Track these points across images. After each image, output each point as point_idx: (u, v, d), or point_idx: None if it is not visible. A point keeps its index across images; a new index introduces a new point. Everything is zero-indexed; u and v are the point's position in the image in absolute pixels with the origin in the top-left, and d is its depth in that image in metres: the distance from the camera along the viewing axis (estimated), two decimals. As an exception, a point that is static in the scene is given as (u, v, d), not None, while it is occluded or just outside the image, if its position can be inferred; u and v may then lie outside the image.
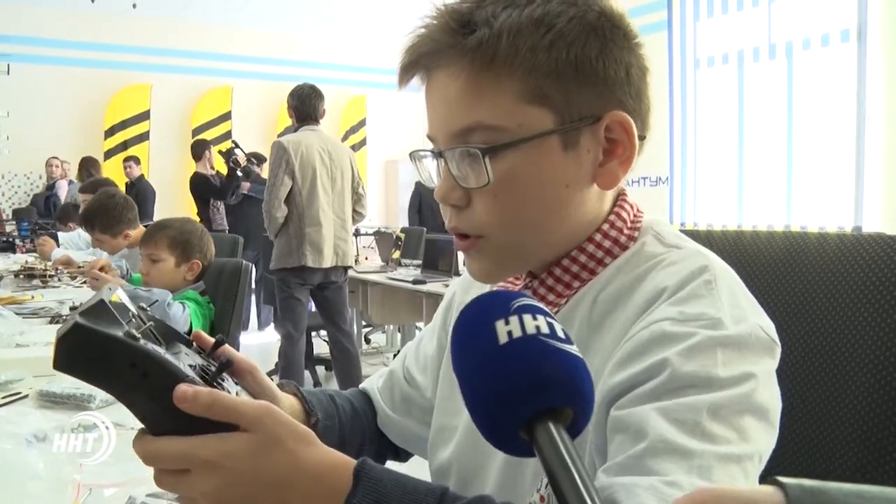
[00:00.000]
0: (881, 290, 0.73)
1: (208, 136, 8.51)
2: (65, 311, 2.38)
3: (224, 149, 6.78)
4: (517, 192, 0.67)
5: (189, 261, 2.30)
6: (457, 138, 0.67)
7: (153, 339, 0.55)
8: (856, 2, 5.25)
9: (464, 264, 0.83)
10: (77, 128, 8.63)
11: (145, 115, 8.92)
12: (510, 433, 0.42)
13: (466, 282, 0.88)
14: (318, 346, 5.11)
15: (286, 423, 0.54)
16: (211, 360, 0.64)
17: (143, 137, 8.91)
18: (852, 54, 5.29)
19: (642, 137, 0.69)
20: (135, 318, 0.55)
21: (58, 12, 8.38)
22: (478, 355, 0.44)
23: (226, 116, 9.30)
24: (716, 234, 0.92)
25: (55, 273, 3.41)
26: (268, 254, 4.08)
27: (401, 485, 0.54)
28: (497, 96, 0.65)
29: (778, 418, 0.60)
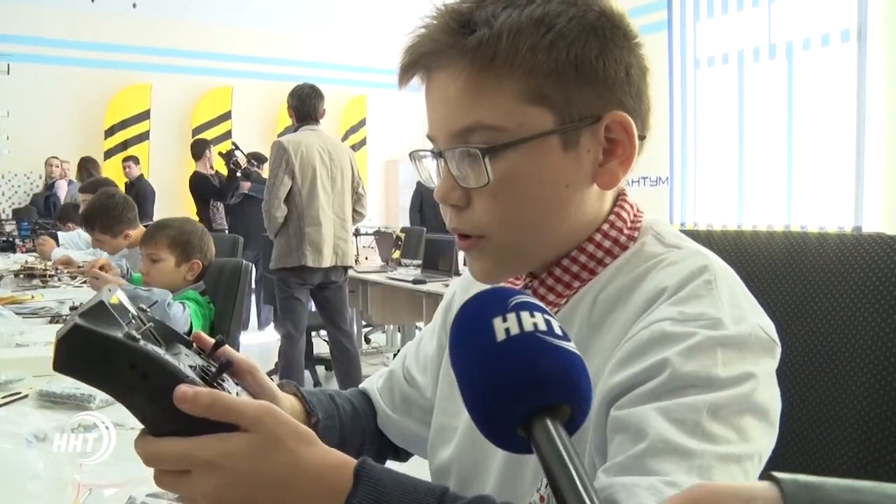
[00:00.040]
0: (881, 290, 0.73)
1: (208, 135, 8.50)
2: (65, 311, 2.38)
3: (224, 150, 6.76)
4: (517, 192, 0.67)
5: (189, 261, 2.30)
6: (457, 138, 0.67)
7: (153, 340, 0.55)
8: (856, 2, 5.25)
9: (464, 264, 0.83)
10: (77, 128, 8.63)
11: (145, 115, 8.92)
12: (508, 430, 0.42)
13: (466, 281, 0.88)
14: (318, 346, 5.11)
15: (286, 423, 0.54)
16: (211, 360, 0.63)
17: (143, 137, 8.91)
18: (852, 54, 5.29)
19: (642, 137, 0.69)
20: (134, 319, 0.55)
21: (58, 12, 8.38)
22: (476, 352, 0.44)
23: (226, 116, 9.30)
24: (716, 234, 0.92)
25: (55, 273, 3.41)
26: (268, 254, 4.08)
27: (401, 484, 0.54)
28: (497, 96, 0.65)
29: (778, 418, 0.60)
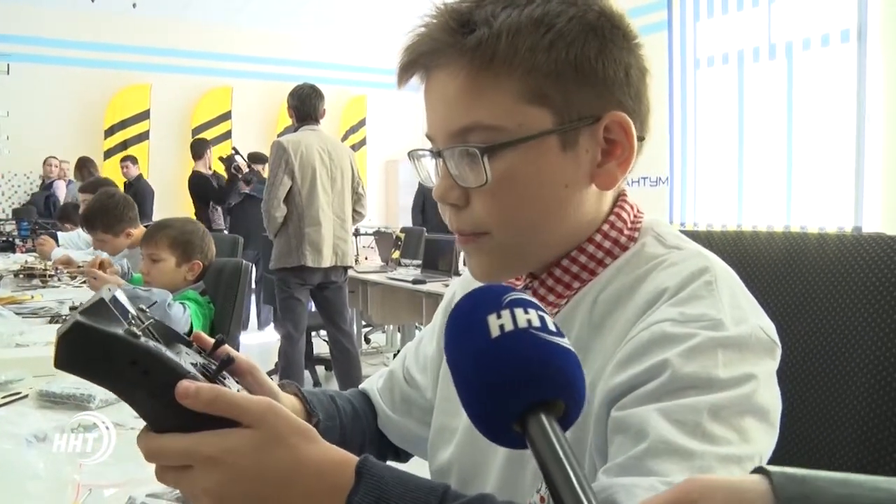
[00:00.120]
0: (881, 291, 0.73)
1: (208, 135, 8.50)
2: (65, 310, 2.38)
3: (224, 155, 6.75)
4: (516, 192, 0.67)
5: (190, 261, 2.30)
6: (455, 138, 0.67)
7: (153, 338, 0.55)
8: (856, 2, 5.24)
9: (464, 264, 0.83)
10: (77, 128, 8.63)
11: (145, 115, 8.92)
12: (503, 426, 0.42)
13: (466, 282, 0.88)
14: (318, 346, 5.11)
15: (288, 419, 0.54)
16: (211, 359, 0.63)
17: (143, 137, 8.91)
18: (852, 54, 5.29)
19: (641, 139, 0.69)
20: (134, 318, 0.55)
21: (58, 12, 8.38)
22: (471, 349, 0.44)
23: (226, 116, 9.30)
24: (716, 234, 0.92)
25: (55, 273, 3.41)
26: (268, 254, 4.08)
27: (402, 482, 0.54)
28: (496, 96, 0.65)
29: (778, 419, 0.60)
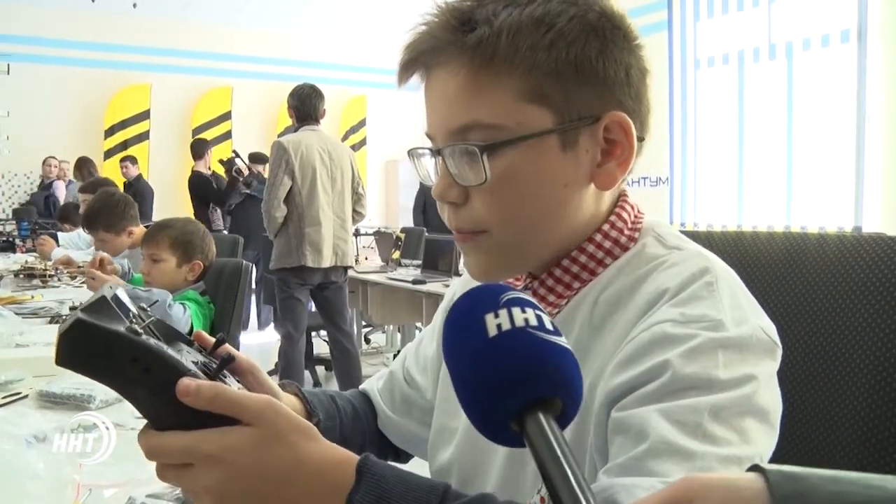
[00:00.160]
0: (881, 291, 0.73)
1: (208, 136, 8.51)
2: (65, 311, 2.38)
3: (224, 157, 6.73)
4: (515, 191, 0.67)
5: (190, 261, 2.30)
6: (455, 136, 0.67)
7: (154, 336, 0.55)
8: (856, 2, 5.25)
9: (463, 264, 0.83)
10: (77, 128, 8.63)
11: (145, 115, 8.92)
12: (501, 424, 0.42)
13: (466, 282, 0.88)
14: (318, 346, 5.11)
15: (288, 417, 0.54)
16: (212, 358, 0.63)
17: (143, 137, 8.91)
18: (852, 55, 5.29)
19: (641, 139, 0.69)
20: (135, 316, 0.55)
21: (58, 12, 8.38)
22: (468, 348, 0.44)
23: (226, 116, 9.30)
24: (716, 234, 0.92)
25: (55, 273, 3.41)
26: (268, 254, 4.08)
27: (403, 481, 0.53)
28: (496, 94, 0.65)
29: (779, 420, 0.59)
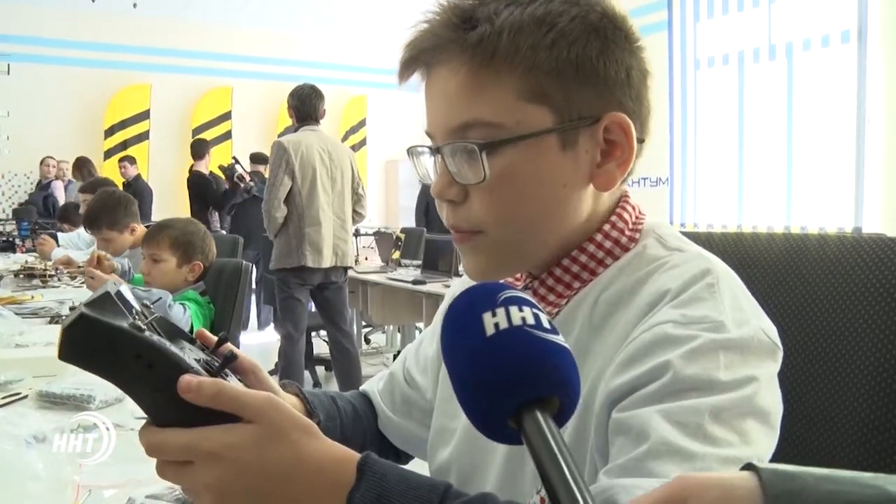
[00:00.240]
0: (881, 292, 0.73)
1: (208, 136, 8.51)
2: (65, 311, 2.38)
3: (225, 164, 6.73)
4: (514, 190, 0.67)
5: (191, 262, 2.30)
6: (455, 134, 0.67)
7: (157, 333, 0.55)
8: (856, 3, 5.25)
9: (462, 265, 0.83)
10: (77, 128, 8.63)
11: (145, 115, 8.92)
12: (499, 422, 0.42)
13: (466, 283, 0.88)
14: (318, 346, 5.11)
15: (290, 414, 0.54)
16: (214, 356, 0.63)
17: (143, 137, 8.91)
18: (852, 55, 5.29)
19: (641, 140, 0.69)
20: (138, 313, 0.55)
21: (58, 12, 8.38)
22: (466, 347, 0.44)
23: (226, 116, 9.30)
24: (716, 235, 0.92)
25: (55, 273, 3.41)
26: (268, 254, 4.08)
27: (404, 480, 0.53)
28: (497, 93, 0.65)
29: (779, 421, 0.59)
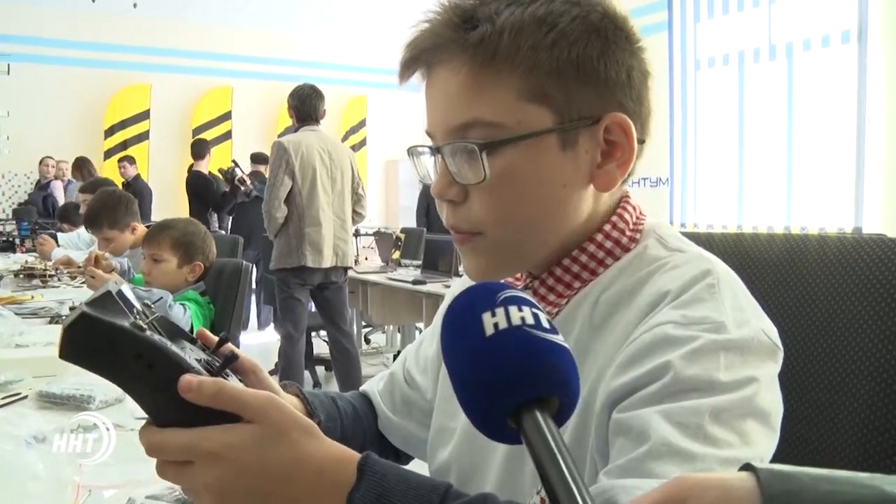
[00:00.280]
0: (881, 293, 0.73)
1: (208, 136, 8.51)
2: (65, 311, 2.38)
3: (225, 168, 6.74)
4: (514, 190, 0.67)
5: (191, 262, 2.30)
6: (455, 133, 0.67)
7: (158, 332, 0.55)
8: (856, 3, 5.25)
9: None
10: (77, 128, 8.63)
11: (145, 115, 8.92)
12: (499, 422, 0.42)
13: (467, 283, 0.88)
14: (318, 346, 5.11)
15: (290, 414, 0.54)
16: (215, 356, 0.63)
17: (143, 137, 8.91)
18: (853, 55, 5.29)
19: (642, 141, 0.69)
20: (139, 313, 0.55)
21: (58, 12, 8.38)
22: (466, 347, 0.44)
23: (226, 116, 9.30)
24: (716, 235, 0.92)
25: (55, 273, 3.41)
26: (268, 254, 4.08)
27: (405, 480, 0.53)
28: (497, 93, 0.65)
29: (779, 422, 0.59)
